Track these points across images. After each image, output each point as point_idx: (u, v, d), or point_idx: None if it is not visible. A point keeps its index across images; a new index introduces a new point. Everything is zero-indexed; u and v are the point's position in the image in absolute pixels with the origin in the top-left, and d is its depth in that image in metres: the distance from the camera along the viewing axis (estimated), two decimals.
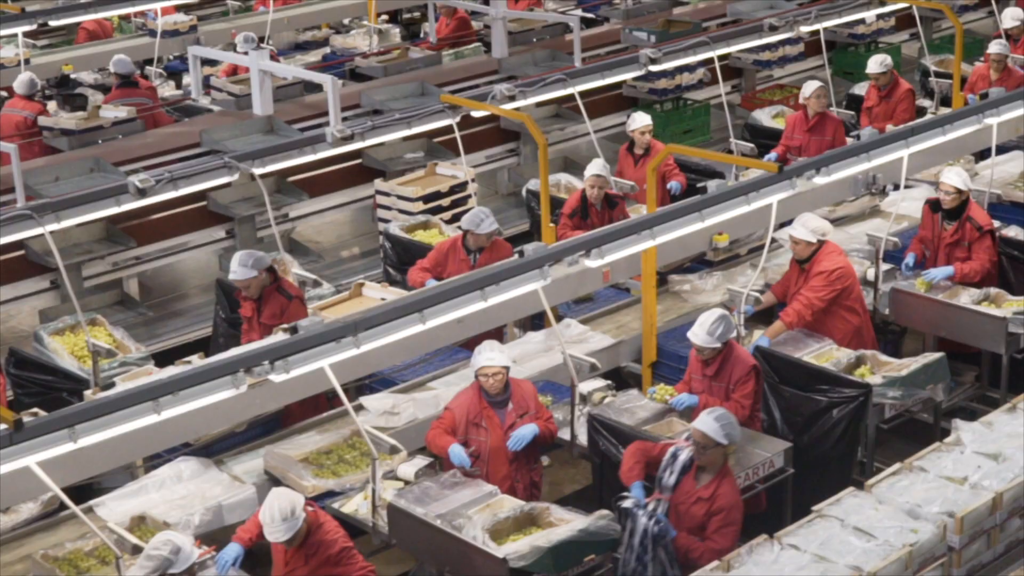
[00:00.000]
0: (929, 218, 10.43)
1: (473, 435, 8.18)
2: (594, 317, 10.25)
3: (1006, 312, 9.55)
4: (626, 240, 8.17)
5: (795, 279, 9.77)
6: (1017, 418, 8.14)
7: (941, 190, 10.26)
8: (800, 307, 9.48)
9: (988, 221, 10.37)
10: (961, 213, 10.25)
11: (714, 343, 8.48)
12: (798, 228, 9.57)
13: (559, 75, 11.34)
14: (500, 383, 8.10)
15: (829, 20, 13.35)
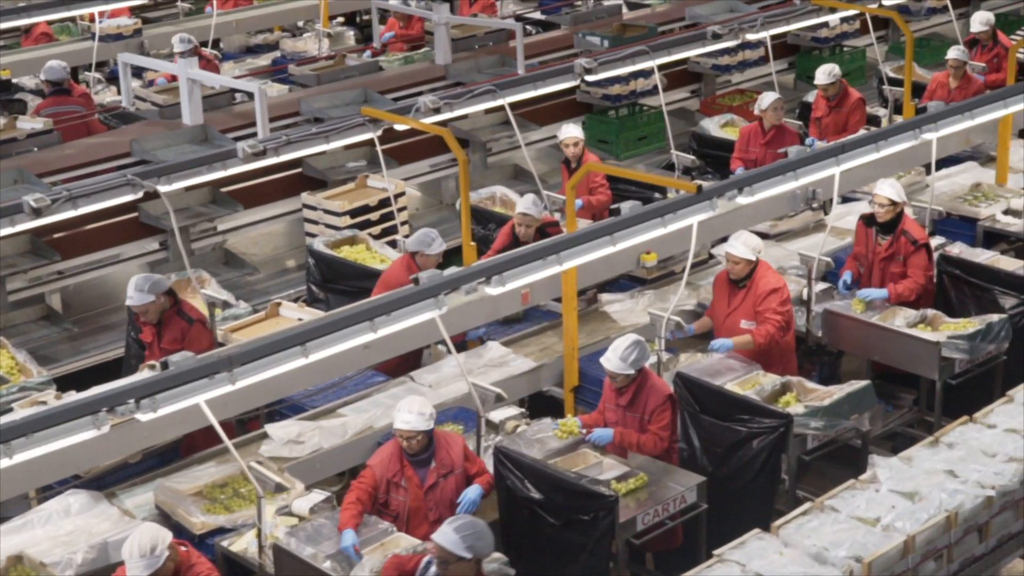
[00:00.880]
0: (863, 233, 10.10)
1: (393, 495, 7.79)
2: (519, 339, 9.89)
3: (940, 336, 9.18)
4: (530, 267, 7.81)
5: (728, 299, 9.41)
6: (939, 453, 7.80)
7: (875, 202, 9.91)
8: (772, 328, 9.18)
9: (923, 235, 10.05)
10: (895, 226, 9.92)
11: (627, 369, 8.13)
12: (737, 246, 9.24)
13: (488, 86, 10.97)
14: (419, 445, 7.70)
15: (776, 27, 12.93)
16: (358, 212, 11.24)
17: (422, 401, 7.70)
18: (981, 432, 8.06)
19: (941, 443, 7.93)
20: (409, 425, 7.61)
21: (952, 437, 8.00)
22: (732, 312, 9.40)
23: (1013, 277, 9.98)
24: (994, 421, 8.22)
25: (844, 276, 10.11)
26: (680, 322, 9.08)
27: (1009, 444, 7.87)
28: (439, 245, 9.71)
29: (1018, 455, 7.75)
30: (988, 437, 7.97)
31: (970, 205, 11.48)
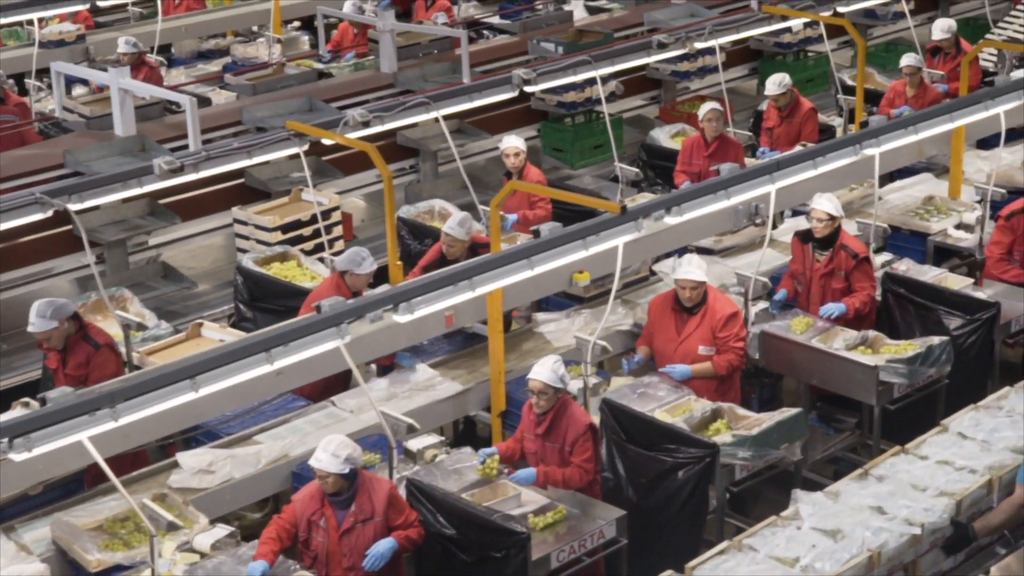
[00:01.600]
0: (799, 250, 9.78)
1: (313, 534, 7.46)
2: (448, 360, 9.57)
3: (878, 360, 8.87)
4: (441, 292, 7.48)
5: (676, 325, 9.04)
6: (867, 487, 7.48)
7: (812, 217, 9.58)
8: (734, 358, 8.90)
9: (863, 247, 9.75)
10: (833, 241, 9.61)
11: (558, 383, 7.84)
12: (692, 271, 8.83)
13: (421, 98, 10.62)
14: (334, 486, 7.35)
15: (725, 36, 12.60)
16: (290, 227, 10.90)
17: (342, 442, 7.37)
18: (912, 464, 7.72)
19: (871, 476, 7.60)
20: (320, 464, 7.29)
21: (882, 469, 7.67)
22: (686, 339, 9.01)
23: (958, 296, 9.68)
24: (926, 452, 7.88)
25: (778, 294, 9.79)
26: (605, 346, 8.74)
27: (940, 477, 7.56)
28: (369, 264, 9.38)
29: (949, 489, 7.44)
30: (919, 469, 7.65)
31: (921, 219, 11.17)
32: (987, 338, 9.46)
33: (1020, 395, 8.30)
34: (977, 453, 7.75)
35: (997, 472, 7.48)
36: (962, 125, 10.86)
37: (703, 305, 8.97)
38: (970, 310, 9.49)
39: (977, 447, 7.80)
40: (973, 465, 7.61)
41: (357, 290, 9.28)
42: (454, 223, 9.94)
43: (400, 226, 11.34)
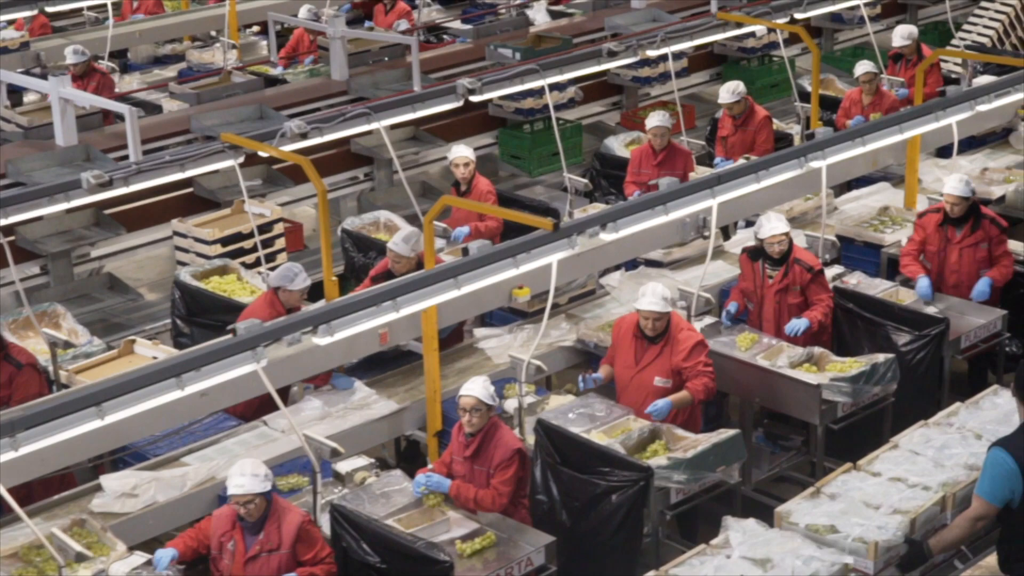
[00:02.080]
0: (749, 268, 9.55)
1: (223, 555, 7.28)
2: (386, 378, 9.35)
3: (822, 378, 8.67)
4: (362, 314, 7.27)
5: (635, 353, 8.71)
6: (819, 505, 7.31)
7: (770, 242, 9.31)
8: (708, 381, 8.55)
9: (815, 260, 9.55)
10: (787, 257, 9.39)
11: (490, 400, 7.66)
12: (655, 301, 8.46)
13: (362, 109, 10.39)
14: (257, 511, 7.15)
15: (677, 43, 12.38)
16: (230, 240, 10.67)
17: (254, 462, 7.20)
18: (864, 481, 7.53)
19: (823, 494, 7.41)
20: (243, 488, 7.09)
21: (834, 487, 7.48)
22: (644, 368, 8.67)
23: (907, 312, 9.49)
24: (879, 469, 7.69)
25: (728, 307, 9.60)
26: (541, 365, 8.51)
27: (894, 495, 7.38)
28: (303, 280, 9.16)
29: (903, 507, 7.27)
30: (872, 487, 7.47)
31: (875, 231, 10.96)
32: (936, 354, 9.26)
33: (970, 411, 8.15)
34: (930, 470, 7.59)
35: (951, 489, 7.34)
36: (917, 135, 10.68)
37: (665, 335, 8.63)
38: (919, 326, 9.30)
39: (930, 464, 7.66)
40: (927, 482, 7.45)
41: (292, 306, 9.06)
42: (399, 239, 9.70)
43: (344, 238, 11.13)
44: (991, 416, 8.06)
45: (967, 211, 9.77)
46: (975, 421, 7.99)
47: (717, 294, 10.28)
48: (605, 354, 9.44)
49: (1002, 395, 8.20)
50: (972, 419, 8.03)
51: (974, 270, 9.79)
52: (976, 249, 9.80)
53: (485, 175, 14.32)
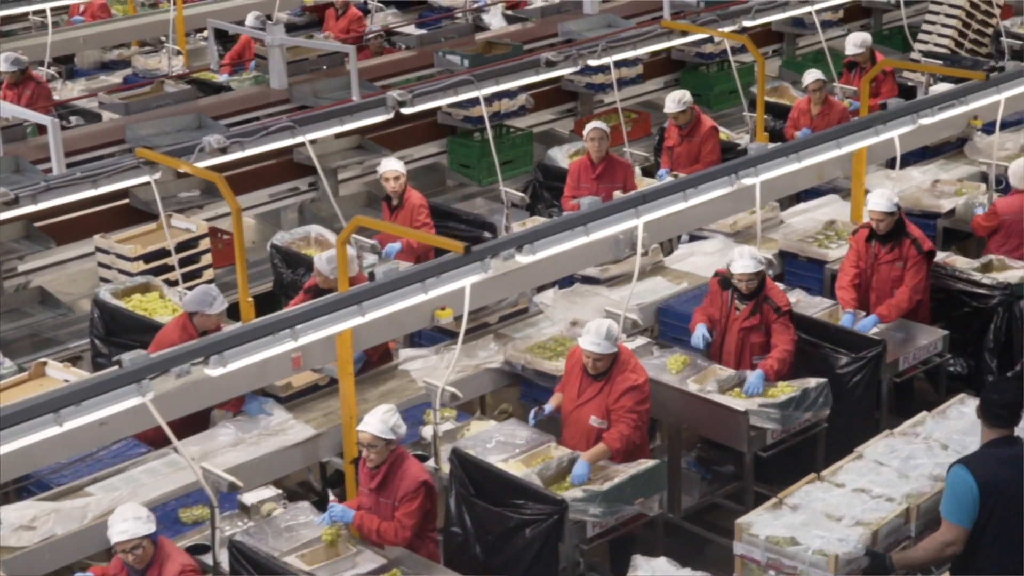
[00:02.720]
0: (718, 295, 9.07)
1: None
2: (305, 402, 9.04)
3: (750, 404, 8.37)
4: (259, 343, 6.96)
5: (579, 386, 8.31)
6: (780, 517, 7.16)
7: (736, 277, 8.88)
8: (626, 429, 8.08)
9: (785, 299, 9.03)
10: (758, 293, 8.91)
11: (388, 434, 7.32)
12: (598, 342, 8.05)
13: (286, 122, 10.08)
14: (144, 556, 6.85)
15: (620, 53, 12.07)
16: (153, 256, 10.35)
17: (135, 506, 6.95)
18: (828, 492, 7.39)
19: (785, 505, 7.25)
20: (127, 535, 6.81)
21: (796, 498, 7.33)
22: (582, 404, 8.28)
23: (843, 333, 9.18)
24: (842, 480, 7.53)
25: (699, 331, 9.05)
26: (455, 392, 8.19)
27: (857, 506, 7.24)
28: (220, 304, 8.84)
29: (865, 518, 7.10)
30: (835, 498, 7.33)
31: (819, 246, 10.66)
32: (874, 377, 8.97)
33: (936, 421, 8.00)
34: (895, 481, 7.46)
35: (915, 500, 7.20)
36: (863, 147, 10.37)
37: (608, 373, 8.21)
38: (856, 348, 9.00)
39: (895, 474, 7.50)
40: (891, 493, 7.29)
41: (206, 330, 8.76)
42: (324, 258, 9.42)
43: (274, 254, 10.83)
44: (958, 426, 7.92)
45: (894, 228, 9.44)
46: (941, 431, 7.88)
47: (654, 312, 9.99)
48: (532, 376, 9.18)
49: (969, 404, 8.05)
50: (938, 429, 7.91)
51: (890, 290, 9.48)
52: (892, 267, 9.49)
53: (433, 184, 14.14)
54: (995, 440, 6.49)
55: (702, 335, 8.99)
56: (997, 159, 12.03)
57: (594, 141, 11.18)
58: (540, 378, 9.08)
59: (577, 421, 8.27)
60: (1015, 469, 6.44)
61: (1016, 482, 6.46)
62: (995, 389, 6.62)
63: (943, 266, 9.97)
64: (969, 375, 9.78)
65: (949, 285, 9.85)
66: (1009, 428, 6.51)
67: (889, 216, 9.37)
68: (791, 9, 13.55)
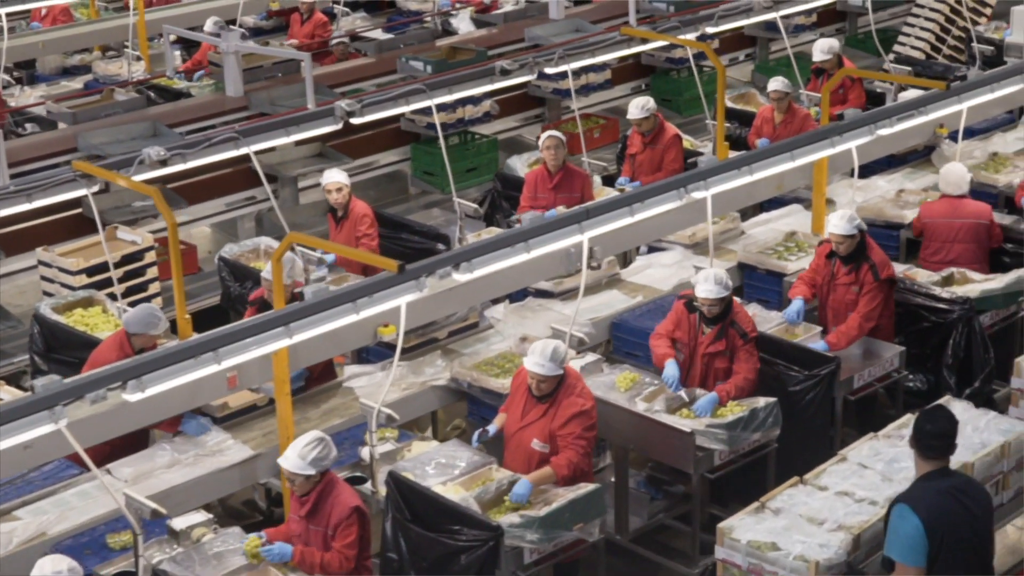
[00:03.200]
0: (685, 318, 8.75)
1: None
2: (246, 421, 8.82)
3: (697, 424, 8.15)
4: (181, 366, 6.74)
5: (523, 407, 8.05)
6: (762, 521, 7.02)
7: (699, 301, 8.60)
8: (574, 456, 7.82)
9: (752, 325, 8.73)
10: (724, 317, 8.62)
11: (307, 469, 7.10)
12: (543, 364, 7.77)
13: (230, 133, 9.86)
14: None
15: (577, 61, 11.85)
16: (96, 270, 10.12)
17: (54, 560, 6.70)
18: (811, 496, 7.25)
19: (767, 509, 7.10)
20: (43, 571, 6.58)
21: (779, 502, 7.19)
22: (525, 427, 8.00)
23: (797, 350, 8.96)
24: (826, 483, 7.38)
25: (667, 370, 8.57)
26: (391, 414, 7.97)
27: (840, 509, 7.10)
28: (162, 326, 8.61)
29: (848, 522, 6.95)
30: (818, 501, 7.20)
31: (779, 258, 10.45)
32: (827, 395, 8.76)
33: None
34: (878, 484, 7.34)
35: None
36: (824, 157, 10.16)
37: (553, 395, 7.94)
38: (809, 365, 8.79)
39: (878, 477, 7.38)
40: (874, 496, 7.17)
41: (143, 348, 8.53)
42: (268, 272, 9.21)
43: (221, 266, 10.61)
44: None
45: (855, 250, 9.21)
46: None
47: (607, 327, 9.78)
48: (478, 394, 8.97)
49: (955, 406, 7.86)
50: None
51: (845, 312, 9.26)
52: (848, 290, 9.26)
53: (395, 192, 13.94)
54: (931, 472, 6.27)
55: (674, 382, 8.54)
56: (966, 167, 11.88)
57: (549, 150, 10.96)
58: (487, 396, 8.87)
59: (520, 443, 8.05)
60: (956, 500, 6.23)
61: (960, 512, 6.25)
62: (928, 419, 6.38)
63: (903, 279, 9.75)
64: (929, 391, 9.55)
65: (908, 299, 9.62)
66: (944, 459, 6.30)
67: (848, 239, 9.12)
68: (755, 15, 13.28)
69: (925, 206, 10.51)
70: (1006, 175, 11.70)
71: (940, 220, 10.28)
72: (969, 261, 10.12)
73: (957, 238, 10.20)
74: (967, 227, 10.19)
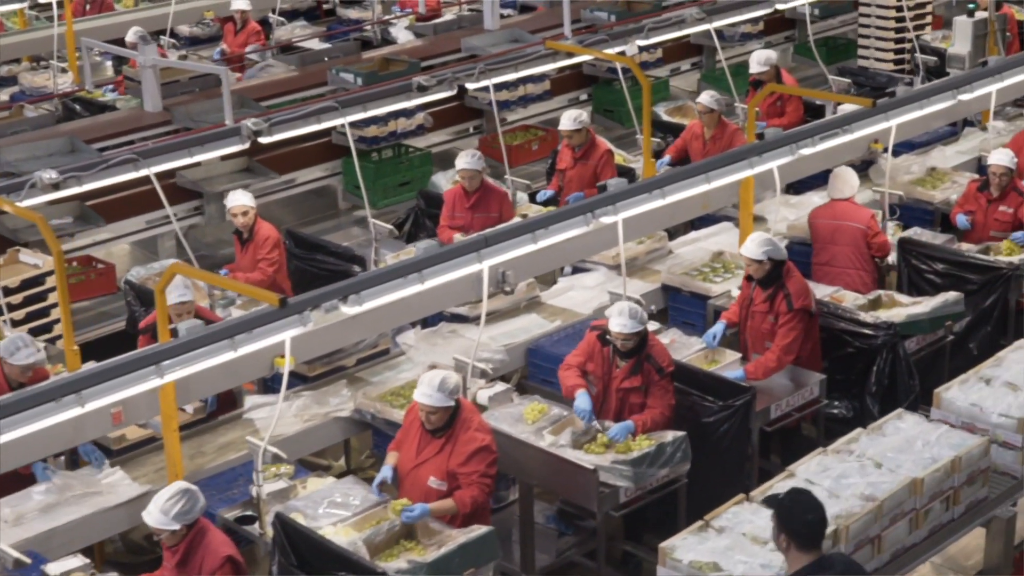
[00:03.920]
0: (598, 352, 8.41)
1: None
2: (137, 456, 8.48)
3: (602, 460, 7.82)
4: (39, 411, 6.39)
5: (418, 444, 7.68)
6: (705, 541, 6.75)
7: (612, 335, 8.23)
8: (478, 493, 7.49)
9: (669, 360, 8.37)
10: (640, 351, 8.26)
11: (171, 524, 6.77)
12: (431, 394, 7.42)
13: (128, 155, 9.51)
14: None
15: (499, 75, 11.52)
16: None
17: None
18: (756, 514, 6.97)
19: (711, 527, 6.87)
20: None
21: (724, 520, 6.95)
22: (421, 464, 7.63)
23: (712, 380, 8.64)
24: None
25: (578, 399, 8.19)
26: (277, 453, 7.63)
27: None
28: (26, 355, 8.21)
29: None
30: (763, 519, 6.84)
31: (704, 280, 10.14)
32: (743, 426, 8.45)
33: (871, 438, 7.60)
34: (825, 500, 6.78)
35: (844, 522, 6.79)
36: (750, 176, 9.85)
37: (449, 430, 7.59)
38: (724, 395, 8.47)
39: (825, 494, 7.05)
40: None
41: (16, 381, 8.19)
42: (179, 287, 8.88)
43: (127, 291, 10.27)
44: (892, 443, 7.57)
45: (770, 276, 8.90)
46: (876, 448, 7.47)
47: (523, 352, 9.47)
48: (382, 426, 8.64)
49: (906, 419, 7.76)
50: (873, 446, 7.53)
51: (761, 341, 8.96)
52: (764, 319, 8.96)
53: (324, 208, 13.59)
54: (810, 565, 5.88)
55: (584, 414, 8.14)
56: (901, 183, 11.60)
57: (464, 180, 10.67)
58: (391, 428, 8.50)
59: (415, 481, 7.69)
60: None
61: None
62: (805, 507, 5.99)
63: (828, 303, 9.45)
64: (854, 418, 9.25)
65: (832, 324, 9.33)
66: (820, 549, 5.95)
67: (757, 264, 8.81)
68: (688, 27, 12.95)
69: (814, 209, 10.44)
70: (943, 191, 11.42)
71: (821, 221, 10.31)
72: (846, 265, 10.11)
73: (834, 240, 10.18)
74: (843, 229, 10.13)
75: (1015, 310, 10.05)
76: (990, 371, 8.34)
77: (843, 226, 10.10)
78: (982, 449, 7.48)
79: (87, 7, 16.22)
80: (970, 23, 13.09)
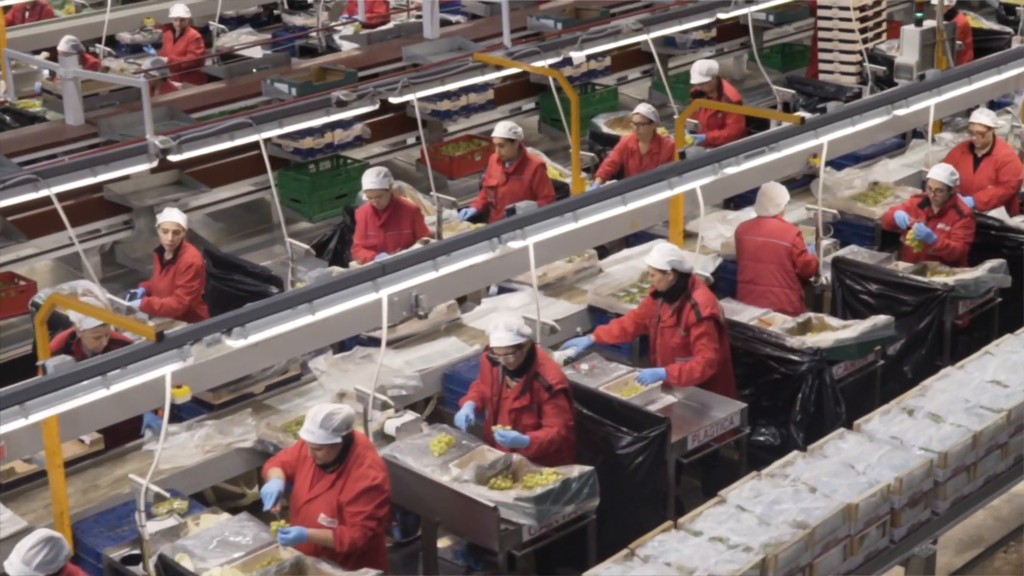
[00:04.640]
0: (488, 371, 8.17)
1: None
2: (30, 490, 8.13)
3: (505, 497, 7.50)
4: None
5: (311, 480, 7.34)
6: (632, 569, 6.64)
7: (495, 352, 7.96)
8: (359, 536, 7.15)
9: (560, 377, 8.10)
10: (528, 368, 7.99)
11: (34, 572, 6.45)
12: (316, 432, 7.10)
13: (27, 174, 9.18)
14: None
15: (423, 89, 11.20)
16: None
17: None
18: (683, 542, 6.85)
19: (636, 556, 6.72)
20: None
21: (649, 548, 6.81)
22: (312, 500, 7.29)
23: (626, 409, 8.33)
24: (700, 527, 6.98)
25: (464, 410, 8.14)
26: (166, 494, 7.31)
27: (711, 557, 6.71)
28: None
29: (718, 572, 6.56)
30: (690, 548, 6.80)
31: (630, 301, 9.81)
32: (658, 457, 8.14)
33: (808, 461, 7.45)
34: (755, 528, 6.93)
35: (774, 550, 6.66)
36: (680, 193, 9.53)
37: (341, 465, 7.25)
38: (638, 426, 8.17)
39: (756, 521, 6.95)
40: (749, 542, 6.80)
41: None
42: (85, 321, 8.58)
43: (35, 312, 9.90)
44: (829, 467, 7.39)
45: (676, 287, 8.62)
46: (811, 472, 7.35)
47: (439, 378, 9.15)
48: None
49: (848, 439, 7.62)
50: (808, 470, 7.37)
51: (670, 357, 8.67)
52: (674, 333, 8.66)
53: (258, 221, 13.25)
54: None
55: (465, 416, 8.10)
56: (842, 198, 11.30)
57: (372, 199, 10.37)
58: None
59: (307, 518, 7.36)
60: None
61: None
62: None
63: (752, 328, 9.15)
64: (781, 445, 8.95)
65: (757, 349, 9.04)
66: None
67: (661, 274, 8.55)
68: (623, 37, 12.63)
69: (740, 224, 10.20)
70: (884, 207, 11.09)
71: (747, 237, 10.05)
72: (770, 283, 9.85)
73: (758, 257, 9.92)
74: (768, 247, 9.88)
75: (951, 332, 9.76)
76: (913, 401, 8.10)
77: (768, 243, 9.84)
78: (925, 470, 7.32)
79: (26, 14, 15.87)
80: (918, 32, 12.78)
